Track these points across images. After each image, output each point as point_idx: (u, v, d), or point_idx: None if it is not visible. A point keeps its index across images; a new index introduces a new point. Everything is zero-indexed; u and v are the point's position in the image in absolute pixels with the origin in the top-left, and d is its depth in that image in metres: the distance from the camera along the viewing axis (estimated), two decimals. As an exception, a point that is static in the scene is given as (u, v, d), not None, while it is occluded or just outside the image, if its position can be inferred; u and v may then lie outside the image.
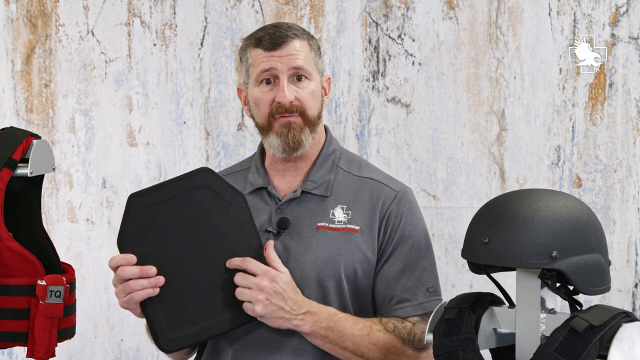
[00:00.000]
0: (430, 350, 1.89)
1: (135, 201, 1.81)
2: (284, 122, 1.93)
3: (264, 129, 1.97)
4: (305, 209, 1.97)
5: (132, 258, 1.80)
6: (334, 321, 1.87)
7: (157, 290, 1.80)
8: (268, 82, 1.94)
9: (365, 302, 1.97)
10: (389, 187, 1.99)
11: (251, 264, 1.80)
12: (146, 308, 1.81)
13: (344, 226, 1.95)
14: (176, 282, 1.81)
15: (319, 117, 1.98)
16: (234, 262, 1.81)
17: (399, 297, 1.94)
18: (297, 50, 1.93)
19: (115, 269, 1.83)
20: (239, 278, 1.80)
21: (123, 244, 1.82)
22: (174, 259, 1.81)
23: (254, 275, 1.80)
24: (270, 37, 1.92)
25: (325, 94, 2.02)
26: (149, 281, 1.79)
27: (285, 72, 1.92)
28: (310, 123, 1.95)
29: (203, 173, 1.83)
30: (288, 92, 1.92)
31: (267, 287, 1.80)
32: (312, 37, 2.00)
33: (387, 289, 1.95)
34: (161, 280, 1.80)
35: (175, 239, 1.81)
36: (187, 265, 1.81)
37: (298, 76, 1.94)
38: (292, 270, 1.91)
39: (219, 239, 1.81)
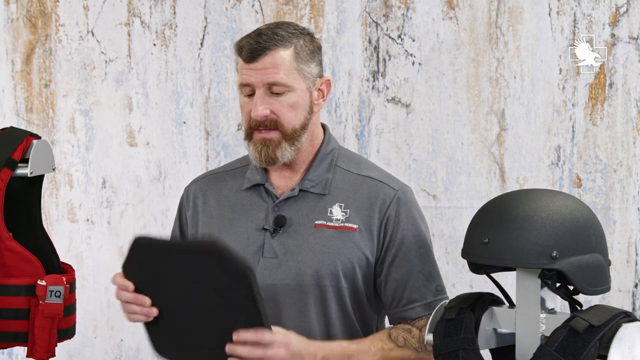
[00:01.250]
0: None
1: (141, 243, 1.80)
2: (260, 137, 1.92)
3: (246, 137, 1.96)
4: (303, 207, 1.97)
5: (129, 286, 1.81)
6: (347, 356, 1.87)
7: (151, 318, 1.81)
8: (248, 92, 1.93)
9: (363, 300, 1.98)
10: (388, 186, 1.98)
11: (267, 336, 1.74)
12: (145, 325, 1.85)
13: (341, 224, 1.95)
14: (171, 319, 1.81)
15: (304, 127, 1.95)
16: (245, 337, 1.73)
17: (408, 298, 1.94)
18: (274, 64, 1.89)
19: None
20: (255, 352, 1.74)
21: (125, 272, 1.83)
22: (171, 305, 1.81)
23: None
24: (249, 49, 1.89)
25: (322, 97, 1.99)
26: (142, 310, 1.81)
27: (260, 86, 1.90)
28: (289, 136, 1.93)
29: (212, 245, 1.76)
30: (261, 108, 1.89)
31: (287, 356, 1.78)
32: (308, 39, 1.96)
33: (396, 291, 1.95)
34: (154, 312, 1.81)
35: (173, 289, 1.80)
36: (181, 314, 1.80)
37: (274, 89, 1.91)
38: (289, 269, 1.92)
39: (218, 305, 1.77)
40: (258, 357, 1.74)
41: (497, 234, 1.60)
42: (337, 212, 1.96)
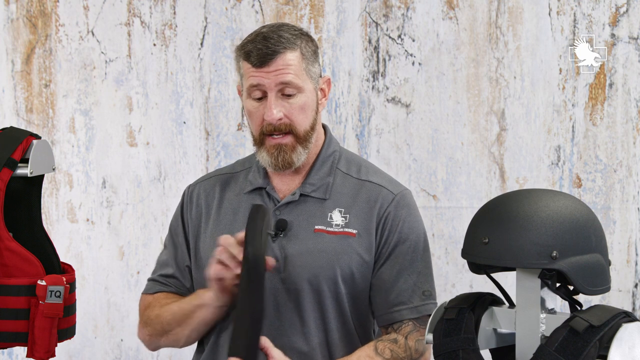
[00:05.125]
0: (427, 354, 1.91)
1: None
2: (274, 143, 1.92)
3: (257, 143, 1.96)
4: (303, 211, 1.97)
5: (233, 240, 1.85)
6: None
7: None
8: (258, 96, 1.92)
9: (363, 305, 1.98)
10: (387, 190, 1.98)
11: None
12: None
13: (341, 230, 1.95)
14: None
15: (313, 128, 1.96)
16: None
17: (394, 300, 1.94)
18: (285, 65, 1.89)
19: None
20: None
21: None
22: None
23: None
24: (258, 53, 1.89)
25: (324, 96, 2.00)
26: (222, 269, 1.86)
27: (273, 88, 1.89)
28: (302, 139, 1.93)
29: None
30: (275, 111, 1.89)
31: None
32: (308, 39, 1.96)
33: (384, 292, 1.95)
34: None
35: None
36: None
37: (287, 91, 1.91)
38: (288, 273, 1.92)
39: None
40: None
41: (497, 234, 1.60)
42: (337, 217, 1.96)
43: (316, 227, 1.95)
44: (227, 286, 1.86)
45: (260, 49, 1.89)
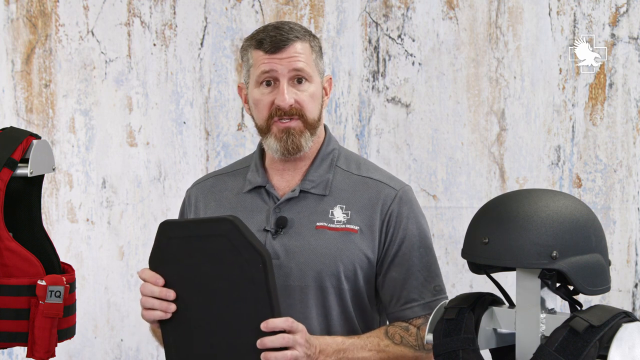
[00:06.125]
0: None
1: (165, 229, 1.81)
2: (283, 127, 1.93)
3: (263, 131, 1.97)
4: (304, 208, 1.97)
5: (160, 280, 1.80)
6: (342, 351, 1.87)
7: (169, 315, 1.80)
8: (268, 84, 1.94)
9: (365, 301, 1.98)
10: (389, 186, 1.99)
11: (294, 323, 1.77)
12: (162, 330, 1.83)
13: (343, 226, 1.95)
14: (188, 318, 1.80)
15: (319, 119, 1.98)
16: (276, 324, 1.74)
17: (406, 297, 1.95)
18: (297, 53, 1.93)
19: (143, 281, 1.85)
20: (286, 339, 1.75)
21: (152, 265, 1.83)
22: (189, 295, 1.80)
23: (290, 332, 1.77)
24: (272, 40, 1.92)
25: (326, 94, 2.02)
26: (160, 304, 1.79)
27: (285, 74, 1.92)
28: (310, 126, 1.95)
29: (225, 224, 1.77)
30: (287, 96, 1.91)
31: (304, 343, 1.78)
32: (315, 37, 2.00)
33: (394, 289, 1.95)
34: (172, 307, 1.79)
35: (191, 277, 1.79)
36: (199, 305, 1.79)
37: (298, 79, 1.93)
38: (291, 270, 1.92)
39: (229, 290, 1.77)
40: (289, 345, 1.75)
41: (497, 234, 1.60)
42: (338, 213, 1.96)
43: (318, 223, 1.95)
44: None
45: (273, 36, 1.92)
